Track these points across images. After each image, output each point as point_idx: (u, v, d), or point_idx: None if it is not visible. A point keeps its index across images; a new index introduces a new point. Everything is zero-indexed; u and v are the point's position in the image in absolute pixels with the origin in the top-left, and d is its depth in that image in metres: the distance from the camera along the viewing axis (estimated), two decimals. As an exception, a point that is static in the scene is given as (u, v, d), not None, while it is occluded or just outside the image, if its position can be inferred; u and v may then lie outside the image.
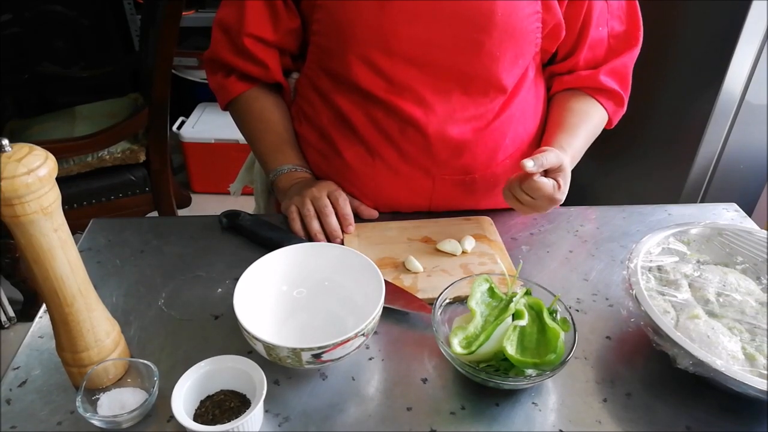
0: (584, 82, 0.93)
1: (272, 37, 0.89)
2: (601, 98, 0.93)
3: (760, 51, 1.33)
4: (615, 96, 0.94)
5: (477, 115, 0.86)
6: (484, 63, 0.82)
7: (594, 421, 0.61)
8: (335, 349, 0.60)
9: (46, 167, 0.50)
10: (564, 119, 0.90)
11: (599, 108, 0.93)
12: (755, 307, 0.68)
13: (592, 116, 0.92)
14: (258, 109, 0.96)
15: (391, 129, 0.86)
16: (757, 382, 0.57)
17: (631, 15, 0.91)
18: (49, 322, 0.59)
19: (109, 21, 2.48)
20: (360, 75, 0.84)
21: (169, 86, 1.70)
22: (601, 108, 0.93)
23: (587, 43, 0.90)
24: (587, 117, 0.91)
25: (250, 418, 0.56)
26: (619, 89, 0.93)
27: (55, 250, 0.53)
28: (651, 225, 0.92)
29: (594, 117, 0.93)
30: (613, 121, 0.97)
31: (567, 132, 0.88)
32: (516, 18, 0.80)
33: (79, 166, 1.74)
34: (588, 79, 0.92)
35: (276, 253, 0.72)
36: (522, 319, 0.64)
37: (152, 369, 0.61)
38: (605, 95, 0.93)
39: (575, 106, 0.92)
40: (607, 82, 0.92)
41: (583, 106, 0.92)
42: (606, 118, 0.95)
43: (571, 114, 0.91)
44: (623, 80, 0.94)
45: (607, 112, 0.94)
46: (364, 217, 0.92)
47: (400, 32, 0.80)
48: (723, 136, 1.46)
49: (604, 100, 0.93)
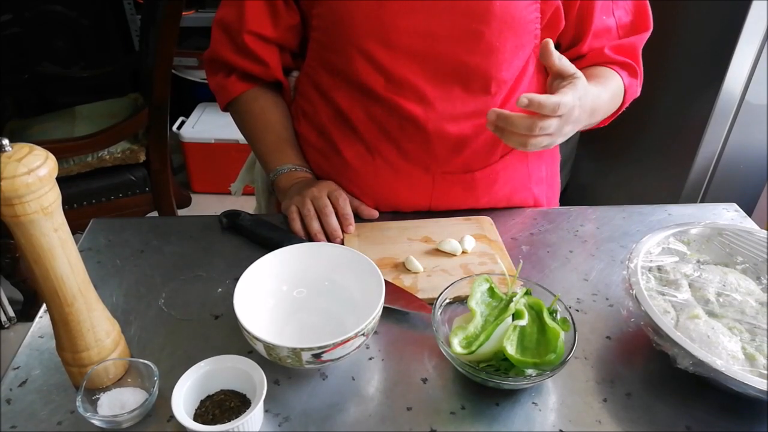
0: (592, 60, 0.91)
1: (272, 34, 0.89)
2: (613, 67, 0.91)
3: (760, 51, 1.33)
4: (627, 66, 0.92)
5: (477, 111, 0.86)
6: (484, 54, 0.82)
7: (594, 421, 0.61)
8: (335, 349, 0.60)
9: (46, 167, 0.50)
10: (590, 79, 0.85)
11: (614, 73, 0.91)
12: (755, 307, 0.68)
13: (610, 77, 0.89)
14: (258, 109, 0.96)
15: (390, 126, 0.86)
16: (757, 382, 0.57)
17: (639, 5, 0.91)
18: (49, 322, 0.59)
19: (109, 21, 2.48)
20: (360, 70, 0.84)
21: (169, 86, 1.70)
22: (615, 74, 0.91)
23: (591, 32, 0.89)
24: (604, 76, 0.89)
25: (250, 418, 0.56)
26: (629, 60, 0.91)
27: (55, 250, 0.53)
28: (651, 225, 0.92)
29: (613, 77, 0.90)
30: (627, 97, 0.93)
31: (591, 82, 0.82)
32: (514, 8, 0.80)
33: (79, 166, 1.74)
34: (595, 57, 0.91)
35: (276, 253, 0.72)
36: (522, 319, 0.64)
37: (152, 369, 0.61)
38: (617, 65, 0.92)
39: (591, 71, 0.89)
40: (615, 56, 0.90)
41: (598, 71, 0.90)
42: (622, 85, 0.92)
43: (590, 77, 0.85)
44: (632, 55, 0.92)
45: (622, 80, 0.91)
46: (364, 217, 0.92)
47: (399, 25, 0.80)
48: (723, 136, 1.46)
49: (617, 69, 0.91)
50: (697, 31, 1.48)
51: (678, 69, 1.56)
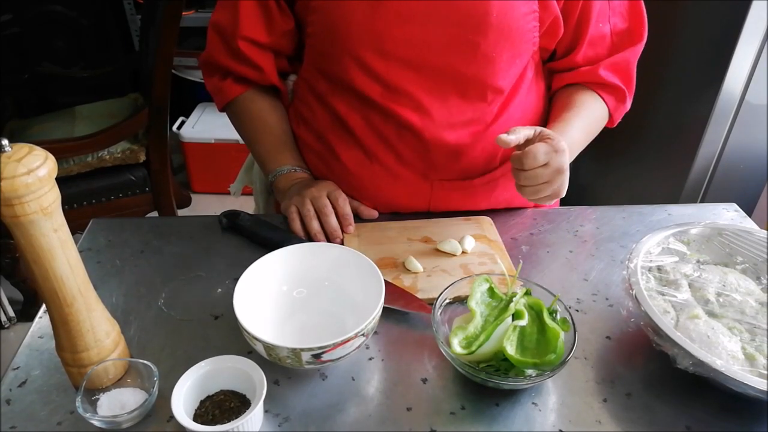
0: (584, 77, 0.91)
1: (266, 40, 0.89)
2: (601, 92, 0.91)
3: (760, 51, 1.33)
4: (616, 90, 0.92)
5: (474, 119, 0.86)
6: (480, 64, 0.82)
7: (594, 421, 0.61)
8: (335, 349, 0.60)
9: (46, 167, 0.50)
10: (561, 114, 0.88)
11: (599, 101, 0.91)
12: (755, 307, 0.68)
13: (591, 109, 0.90)
14: (255, 111, 0.96)
15: (388, 133, 0.86)
16: (757, 382, 0.57)
17: (635, 12, 0.90)
18: (49, 322, 0.59)
19: (109, 21, 2.48)
20: (356, 78, 0.83)
21: (169, 86, 1.70)
22: (601, 101, 0.92)
23: (587, 40, 0.88)
24: (585, 110, 0.89)
25: (250, 418, 0.56)
26: (620, 84, 0.91)
27: (55, 250, 0.53)
28: (651, 225, 0.92)
29: (594, 109, 0.91)
30: (615, 119, 0.95)
31: (563, 124, 0.85)
32: (512, 18, 0.80)
33: (79, 166, 1.74)
34: (587, 74, 0.90)
35: (276, 253, 0.72)
36: (522, 319, 0.64)
37: (152, 369, 0.61)
38: (606, 90, 0.92)
39: (573, 99, 0.90)
40: (607, 77, 0.90)
41: (581, 99, 0.90)
42: (607, 112, 0.93)
43: (569, 107, 0.88)
44: (625, 75, 0.91)
45: (607, 107, 0.92)
46: (363, 217, 0.92)
47: (394, 33, 0.80)
48: (723, 136, 1.46)
49: (605, 95, 0.92)
50: (697, 31, 1.48)
51: (678, 69, 1.56)
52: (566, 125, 0.85)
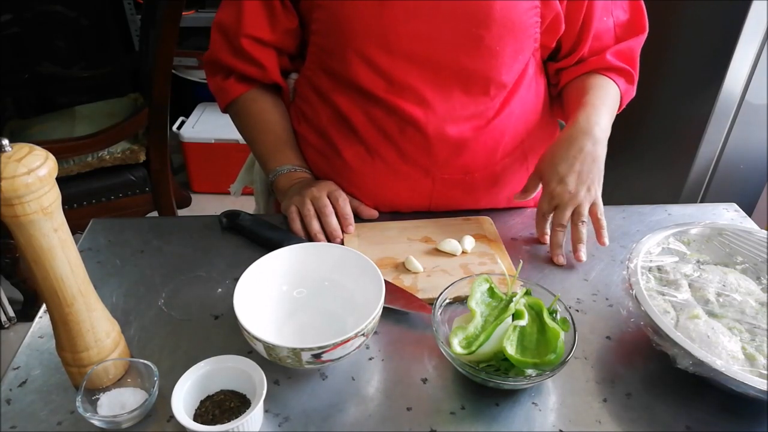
0: (592, 66, 0.93)
1: (270, 38, 0.89)
2: (611, 75, 0.93)
3: (760, 51, 1.33)
4: (624, 73, 0.94)
5: (477, 114, 0.86)
6: (484, 58, 0.83)
7: (594, 421, 0.61)
8: (335, 349, 0.60)
9: (46, 167, 0.50)
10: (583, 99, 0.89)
11: (611, 82, 0.93)
12: (755, 307, 0.68)
13: (607, 89, 0.92)
14: (257, 111, 0.96)
15: (390, 128, 0.86)
16: (757, 382, 0.57)
17: (635, 5, 0.92)
18: (49, 322, 0.59)
19: (109, 21, 2.49)
20: (360, 74, 0.84)
21: (169, 86, 1.70)
22: (612, 83, 0.93)
23: (591, 35, 0.90)
24: (603, 90, 0.91)
25: (250, 418, 0.56)
26: (627, 67, 0.93)
27: (55, 250, 0.53)
28: (651, 225, 0.92)
29: (610, 89, 0.92)
30: (623, 101, 0.96)
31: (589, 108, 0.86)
32: (514, 13, 0.81)
33: (79, 166, 1.74)
34: (595, 62, 0.93)
35: (276, 253, 0.72)
36: (522, 319, 0.64)
37: (152, 369, 0.61)
38: (615, 72, 0.93)
39: (589, 83, 0.91)
40: (615, 62, 0.92)
41: (595, 82, 0.92)
42: (619, 93, 0.94)
43: (588, 92, 0.90)
44: (631, 61, 0.94)
45: (618, 88, 0.94)
46: (364, 217, 0.92)
47: (399, 29, 0.80)
48: (723, 136, 1.46)
49: (615, 76, 0.93)
50: (697, 31, 1.48)
51: (678, 69, 1.56)
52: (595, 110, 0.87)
